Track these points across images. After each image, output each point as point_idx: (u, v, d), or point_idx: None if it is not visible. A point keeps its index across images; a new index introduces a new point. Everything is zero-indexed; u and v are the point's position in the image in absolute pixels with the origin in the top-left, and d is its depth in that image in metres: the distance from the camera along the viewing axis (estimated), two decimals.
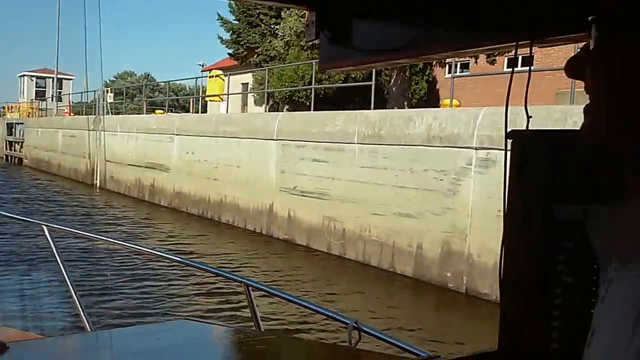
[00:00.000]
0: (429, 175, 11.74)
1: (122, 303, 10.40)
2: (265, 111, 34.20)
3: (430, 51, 2.13)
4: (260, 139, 16.90)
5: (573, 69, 0.88)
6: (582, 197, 1.31)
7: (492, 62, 21.66)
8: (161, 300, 10.80)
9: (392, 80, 21.53)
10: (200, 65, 52.58)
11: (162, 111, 32.09)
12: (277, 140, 16.24)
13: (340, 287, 12.52)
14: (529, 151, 1.74)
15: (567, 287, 1.61)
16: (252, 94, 36.33)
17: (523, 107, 1.63)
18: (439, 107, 27.38)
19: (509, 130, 1.73)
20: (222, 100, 27.60)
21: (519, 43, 1.69)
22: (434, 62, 25.90)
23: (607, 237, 0.86)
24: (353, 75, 27.78)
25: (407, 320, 10.46)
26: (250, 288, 3.73)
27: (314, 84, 20.64)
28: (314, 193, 14.82)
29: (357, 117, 14.18)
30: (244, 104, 40.63)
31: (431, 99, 29.94)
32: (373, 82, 16.24)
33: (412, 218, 12.12)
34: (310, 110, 19.02)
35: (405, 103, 20.71)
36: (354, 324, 3.09)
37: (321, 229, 14.61)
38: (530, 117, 1.72)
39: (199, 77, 32.00)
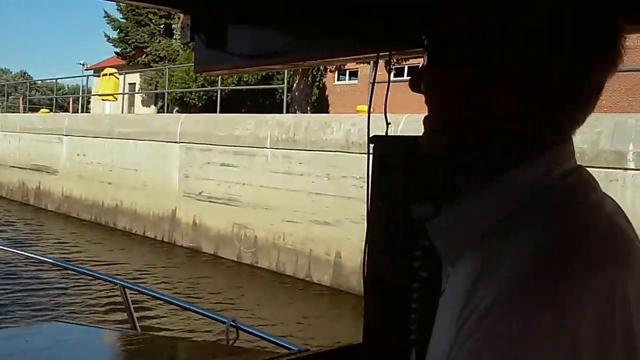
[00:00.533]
0: (348, 182, 11.39)
1: None
2: (157, 112, 33.20)
3: (302, 58, 2.25)
4: (161, 141, 16.10)
5: (413, 83, 0.96)
6: (434, 198, 1.42)
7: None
8: (32, 304, 10.20)
9: (295, 85, 21.11)
10: (80, 64, 50.63)
11: (47, 110, 30.33)
12: (180, 143, 15.48)
13: (252, 297, 11.99)
14: (389, 155, 1.87)
15: (423, 282, 1.69)
16: (141, 94, 35.00)
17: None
18: (328, 112, 27.61)
19: (371, 135, 1.89)
20: (116, 99, 26.35)
21: (380, 54, 1.92)
22: (322, 68, 25.77)
23: (442, 236, 0.95)
24: (245, 79, 27.30)
25: (324, 329, 10.09)
26: (126, 289, 3.71)
27: (220, 86, 19.95)
28: (222, 199, 14.20)
29: (269, 121, 13.70)
30: (131, 104, 39.22)
31: (320, 106, 29.96)
32: (285, 85, 15.76)
33: (330, 226, 11.75)
34: (202, 112, 18.49)
35: (308, 108, 20.35)
36: (232, 322, 3.16)
37: (230, 236, 14.00)
38: (389, 123, 1.92)
39: (86, 76, 30.55)
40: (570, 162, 0.92)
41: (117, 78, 25.48)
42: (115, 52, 36.41)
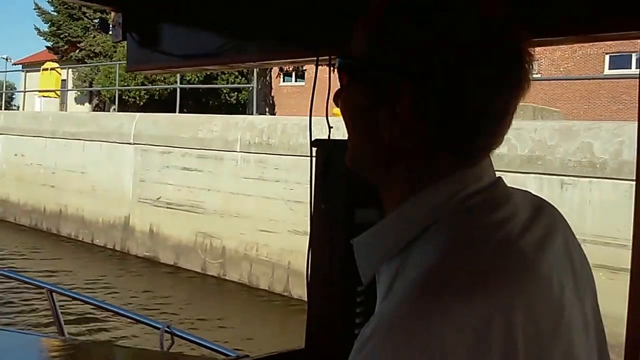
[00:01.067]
0: None
1: None
2: (93, 110, 31.59)
3: (239, 60, 2.26)
4: (112, 142, 14.87)
5: (335, 99, 0.99)
6: (378, 202, 1.18)
7: None
8: None
9: (254, 84, 20.06)
10: (4, 58, 48.25)
11: None
12: (135, 144, 14.29)
13: (221, 313, 10.98)
14: (331, 159, 1.92)
15: (368, 286, 1.46)
16: (74, 91, 33.28)
17: None
18: (274, 114, 26.71)
19: (313, 139, 1.95)
20: (59, 96, 24.71)
21: (319, 59, 1.95)
22: (270, 69, 24.92)
23: (362, 255, 0.97)
24: (188, 78, 26.19)
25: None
26: (53, 293, 3.63)
27: (179, 84, 18.77)
28: (183, 205, 13.11)
29: (239, 123, 12.71)
30: (63, 102, 37.40)
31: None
32: (255, 85, 14.74)
33: None
34: (143, 111, 17.30)
35: (267, 109, 19.34)
36: (166, 328, 3.14)
37: (194, 246, 12.94)
38: (332, 127, 1.94)
39: (16, 71, 28.64)
40: (480, 183, 0.91)
41: (59, 73, 23.87)
42: (47, 47, 34.51)
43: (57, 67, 24.37)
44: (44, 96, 23.18)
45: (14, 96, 38.86)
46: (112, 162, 14.75)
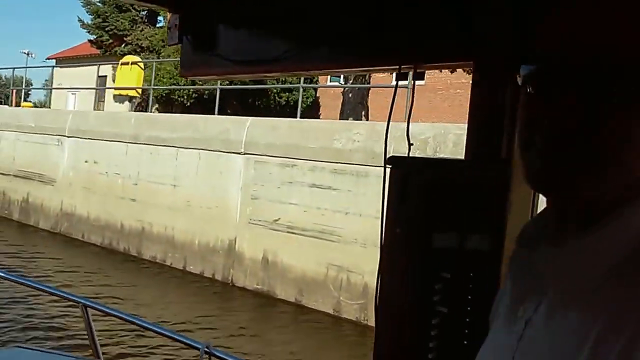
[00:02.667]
0: None
1: None
2: (132, 110, 29.44)
3: (302, 67, 2.18)
4: (215, 150, 12.61)
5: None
6: (458, 226, 1.27)
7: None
8: None
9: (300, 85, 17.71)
10: (25, 53, 46.81)
11: (30, 104, 26.29)
12: (246, 154, 12.03)
13: None
14: (410, 180, 1.77)
15: (442, 318, 1.60)
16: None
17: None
18: (319, 117, 24.41)
19: (389, 155, 1.80)
20: (139, 94, 22.54)
21: (402, 67, 1.87)
22: None
23: (558, 275, 0.87)
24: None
25: None
26: (87, 309, 3.65)
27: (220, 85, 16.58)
28: (311, 230, 10.88)
29: (392, 131, 10.37)
30: (100, 99, 35.32)
31: (309, 109, 27.19)
32: (348, 85, 12.40)
33: None
34: (190, 112, 15.18)
35: (363, 113, 17.07)
36: (206, 349, 3.19)
37: (323, 281, 10.70)
38: (412, 144, 1.88)
39: (51, 66, 26.50)
40: None
41: (142, 69, 21.57)
42: (90, 40, 32.40)
43: (139, 62, 22.07)
44: (121, 95, 20.97)
45: (30, 92, 36.66)
46: (214, 174, 12.51)
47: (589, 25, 0.80)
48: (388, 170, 1.84)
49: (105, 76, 34.14)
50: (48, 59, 39.45)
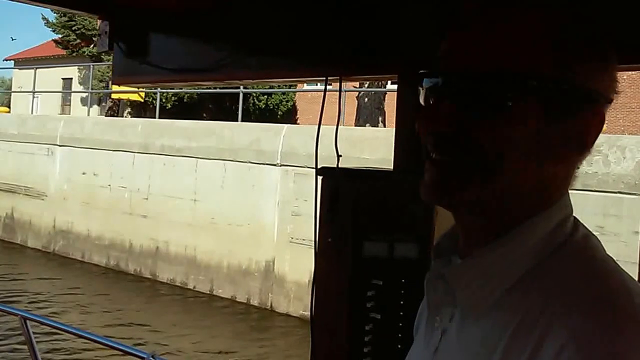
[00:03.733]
0: None
1: None
2: (101, 114, 27.75)
3: (236, 76, 2.18)
4: (244, 162, 11.23)
5: (489, 126, 0.87)
6: (388, 236, 1.32)
7: None
8: None
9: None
10: None
11: (5, 108, 24.26)
12: (284, 166, 10.67)
13: None
14: (341, 190, 1.80)
15: (376, 324, 1.64)
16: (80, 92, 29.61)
17: None
18: (297, 122, 23.31)
19: (319, 167, 1.86)
20: (142, 98, 20.85)
21: (329, 78, 1.93)
22: None
23: (461, 287, 0.87)
24: None
25: None
26: (27, 321, 3.55)
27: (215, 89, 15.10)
28: None
29: None
30: (65, 103, 33.53)
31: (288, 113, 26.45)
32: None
33: None
34: (171, 118, 13.84)
35: (380, 119, 15.79)
36: (151, 357, 3.18)
37: None
38: (340, 155, 1.95)
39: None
40: (572, 211, 0.89)
41: None
42: (55, 40, 30.48)
43: None
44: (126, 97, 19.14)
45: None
46: (244, 188, 11.15)
47: (469, 44, 0.83)
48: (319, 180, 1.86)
49: (71, 78, 32.32)
50: (6, 59, 37.20)
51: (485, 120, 0.81)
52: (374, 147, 9.54)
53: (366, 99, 15.78)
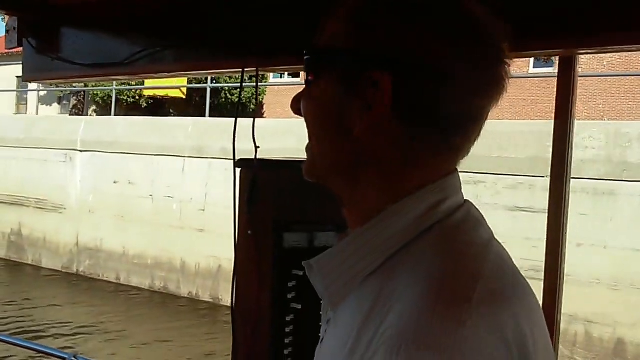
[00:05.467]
0: None
1: None
2: (64, 113, 25.32)
3: (152, 69, 2.11)
4: None
5: (293, 106, 0.91)
6: (308, 226, 1.31)
7: None
8: None
9: None
10: None
11: None
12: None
13: None
14: (258, 181, 1.79)
15: (297, 314, 1.64)
16: (40, 91, 27.04)
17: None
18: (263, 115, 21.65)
19: (237, 158, 1.82)
20: (184, 94, 18.53)
21: (245, 70, 1.87)
22: None
23: (324, 277, 0.87)
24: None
25: None
26: None
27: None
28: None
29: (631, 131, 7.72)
30: (21, 102, 30.77)
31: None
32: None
33: None
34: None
35: None
36: (73, 358, 3.11)
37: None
38: (258, 147, 1.83)
39: None
40: (459, 195, 0.87)
41: None
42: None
43: None
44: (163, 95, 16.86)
45: None
46: None
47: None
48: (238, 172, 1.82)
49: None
50: None
51: (303, 97, 0.88)
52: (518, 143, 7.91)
53: None
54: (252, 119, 1.85)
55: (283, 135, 8.75)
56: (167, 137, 11.45)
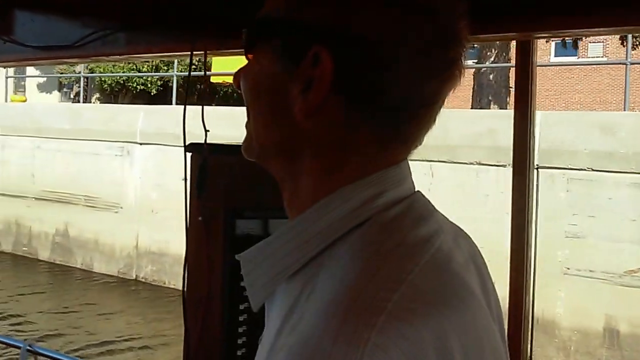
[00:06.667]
0: None
1: None
2: (64, 101, 23.95)
3: (103, 53, 2.04)
4: (468, 163, 8.16)
5: (235, 80, 0.85)
6: (262, 213, 1.21)
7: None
8: None
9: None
10: None
11: (22, 97, 19.86)
12: (544, 168, 7.72)
13: None
14: (208, 166, 1.75)
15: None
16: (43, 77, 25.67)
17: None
18: None
19: (187, 143, 1.76)
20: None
21: (194, 53, 1.81)
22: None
23: (255, 271, 0.81)
24: None
25: None
26: None
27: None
28: None
29: None
30: (18, 90, 29.23)
31: None
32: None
33: None
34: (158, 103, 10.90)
35: (508, 100, 13.03)
36: (28, 347, 3.09)
37: None
38: (208, 130, 1.77)
39: None
40: (400, 189, 0.77)
41: None
42: None
43: None
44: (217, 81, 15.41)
45: None
46: (470, 198, 8.05)
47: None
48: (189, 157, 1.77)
49: None
50: None
51: (242, 71, 0.82)
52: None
53: (491, 76, 12.91)
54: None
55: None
56: (241, 127, 10.03)
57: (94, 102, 24.67)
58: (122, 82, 24.36)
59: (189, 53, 1.80)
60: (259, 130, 0.80)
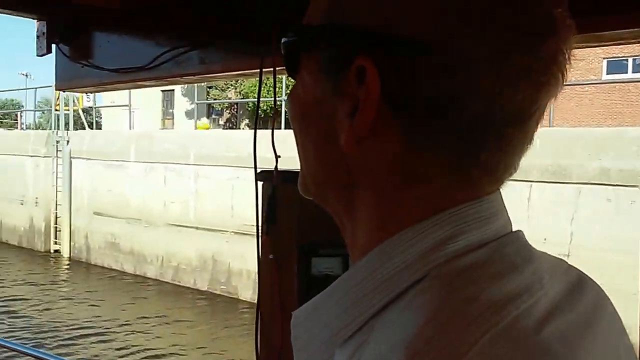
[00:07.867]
0: None
1: None
2: (214, 127, 25.03)
3: (177, 74, 2.00)
4: (574, 183, 8.23)
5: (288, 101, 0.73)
6: (342, 249, 0.84)
7: None
8: None
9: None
10: (24, 75, 44.43)
11: (206, 124, 21.43)
12: None
13: None
14: (279, 196, 1.58)
15: None
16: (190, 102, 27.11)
17: None
18: None
19: (259, 170, 1.60)
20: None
21: (263, 70, 1.73)
22: None
23: (309, 334, 0.66)
24: None
25: None
26: None
27: None
28: None
29: None
30: (167, 116, 31.09)
31: None
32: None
33: None
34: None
35: None
36: None
37: None
38: (279, 156, 1.58)
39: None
40: (485, 229, 0.60)
41: None
42: None
43: None
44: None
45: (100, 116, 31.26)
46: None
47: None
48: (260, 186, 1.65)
49: (172, 90, 30.36)
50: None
51: (290, 93, 0.68)
52: None
53: None
54: None
55: None
56: None
57: (242, 128, 25.06)
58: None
59: (258, 70, 1.65)
60: (310, 165, 0.67)
